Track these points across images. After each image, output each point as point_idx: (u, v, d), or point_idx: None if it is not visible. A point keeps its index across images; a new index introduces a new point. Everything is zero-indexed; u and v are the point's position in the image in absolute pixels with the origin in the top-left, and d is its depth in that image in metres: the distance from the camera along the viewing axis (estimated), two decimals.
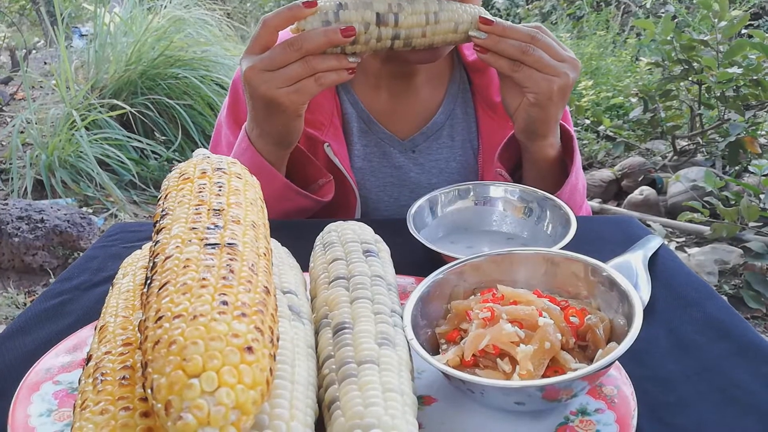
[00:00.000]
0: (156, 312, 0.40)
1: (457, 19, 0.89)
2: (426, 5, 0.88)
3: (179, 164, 0.59)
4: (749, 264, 2.50)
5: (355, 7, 0.86)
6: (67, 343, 0.64)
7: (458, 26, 0.89)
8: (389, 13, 0.86)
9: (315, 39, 0.84)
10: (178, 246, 0.45)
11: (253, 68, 0.86)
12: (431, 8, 0.89)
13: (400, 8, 0.87)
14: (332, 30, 0.84)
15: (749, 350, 0.63)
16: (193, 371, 0.36)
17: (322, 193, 1.02)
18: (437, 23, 0.88)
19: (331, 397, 0.48)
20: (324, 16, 0.85)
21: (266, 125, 0.91)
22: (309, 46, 0.84)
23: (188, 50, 4.24)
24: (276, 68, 0.85)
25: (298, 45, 0.84)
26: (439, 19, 0.88)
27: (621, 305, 0.57)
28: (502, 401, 0.52)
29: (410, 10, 0.87)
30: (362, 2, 0.86)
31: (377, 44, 0.87)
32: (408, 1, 0.88)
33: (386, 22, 0.86)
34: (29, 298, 2.65)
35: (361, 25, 0.85)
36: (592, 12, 5.98)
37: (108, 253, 0.90)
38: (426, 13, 0.88)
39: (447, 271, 0.64)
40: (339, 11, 0.85)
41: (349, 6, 0.86)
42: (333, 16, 0.85)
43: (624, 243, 0.82)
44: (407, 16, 0.87)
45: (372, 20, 0.86)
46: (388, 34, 0.87)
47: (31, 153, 3.66)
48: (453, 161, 1.13)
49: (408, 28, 0.87)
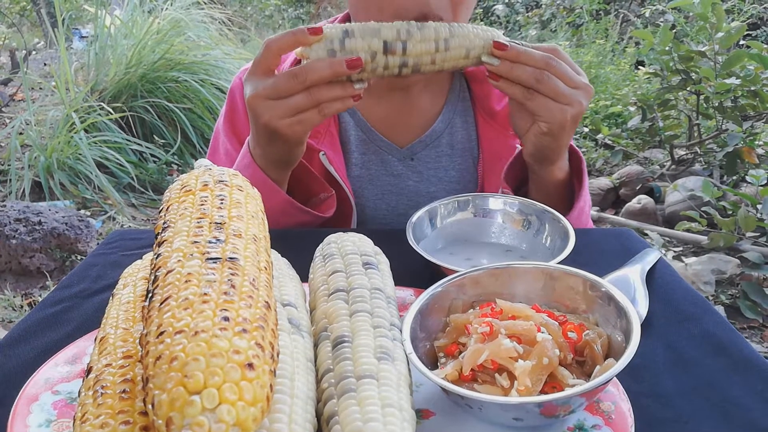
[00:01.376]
0: (157, 327, 0.41)
1: (468, 45, 0.86)
2: (436, 31, 0.85)
3: (181, 175, 0.59)
4: (746, 274, 2.50)
5: (362, 35, 0.83)
6: (67, 352, 0.64)
7: (470, 52, 0.86)
8: (397, 41, 0.83)
9: (319, 71, 0.82)
10: (179, 260, 0.46)
11: (256, 96, 0.85)
12: (441, 35, 0.85)
13: (408, 35, 0.83)
14: (338, 62, 0.81)
15: (746, 366, 0.63)
16: (194, 388, 0.36)
17: (324, 207, 1.02)
18: (447, 50, 0.85)
19: (330, 411, 0.48)
20: (329, 44, 0.82)
21: (268, 149, 0.91)
22: (313, 77, 0.82)
23: (188, 54, 4.25)
24: (279, 97, 0.84)
25: (303, 77, 0.82)
26: (449, 46, 0.85)
27: (619, 321, 0.57)
28: (500, 417, 0.52)
29: (419, 38, 0.84)
30: (369, 29, 0.83)
31: (384, 72, 0.85)
32: (418, 27, 0.84)
33: (394, 51, 0.83)
34: (26, 301, 2.65)
35: (368, 54, 0.82)
36: (592, 20, 6.01)
37: (107, 260, 0.90)
38: (436, 40, 0.85)
39: (446, 285, 0.64)
40: (345, 39, 0.82)
41: (355, 33, 0.83)
42: (338, 44, 0.82)
43: (622, 256, 0.82)
44: (416, 44, 0.84)
45: (379, 49, 0.83)
46: (396, 63, 0.84)
47: (29, 155, 3.66)
48: (452, 170, 1.13)
49: (416, 56, 0.84)
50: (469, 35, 0.86)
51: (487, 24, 6.83)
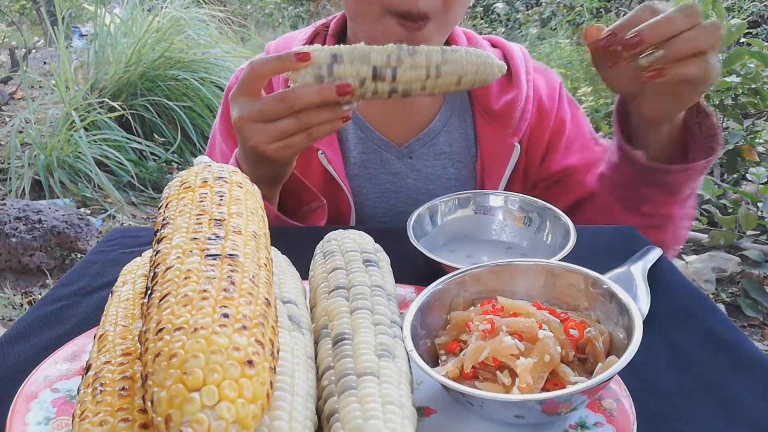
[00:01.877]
0: (157, 324, 0.40)
1: (461, 71, 0.83)
2: (428, 57, 0.82)
3: (180, 172, 0.59)
4: (747, 272, 2.50)
5: (351, 61, 0.81)
6: (66, 350, 0.64)
7: (461, 79, 0.84)
8: (387, 67, 0.81)
9: (307, 97, 0.80)
10: (178, 256, 0.45)
11: (242, 118, 0.84)
12: (433, 61, 0.82)
13: (399, 62, 0.81)
14: (326, 88, 0.80)
15: (748, 364, 0.63)
16: (193, 385, 0.36)
17: (315, 217, 1.02)
18: (438, 77, 0.83)
19: (331, 409, 0.48)
20: (317, 70, 0.80)
21: (255, 168, 0.90)
22: (301, 104, 0.80)
23: (188, 52, 4.25)
24: (266, 121, 0.82)
25: (290, 102, 0.80)
26: (440, 72, 0.83)
27: (621, 318, 0.57)
28: (501, 414, 0.52)
29: (410, 64, 0.82)
30: (359, 54, 0.81)
31: (373, 96, 0.83)
32: (409, 53, 0.82)
33: (383, 77, 0.81)
34: (26, 299, 2.65)
35: (356, 80, 0.81)
36: (592, 18, 6.00)
37: (107, 258, 0.89)
38: (427, 66, 0.82)
39: (447, 282, 0.64)
40: (333, 65, 0.80)
41: (344, 59, 0.81)
42: (327, 69, 0.80)
43: (623, 253, 0.82)
44: (406, 71, 0.82)
45: (368, 75, 0.81)
46: (385, 89, 0.82)
47: (29, 153, 3.66)
48: (450, 167, 1.13)
49: (406, 83, 0.82)
50: (462, 61, 0.83)
51: (486, 22, 6.83)
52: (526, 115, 1.09)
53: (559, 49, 5.26)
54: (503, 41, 1.18)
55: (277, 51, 1.15)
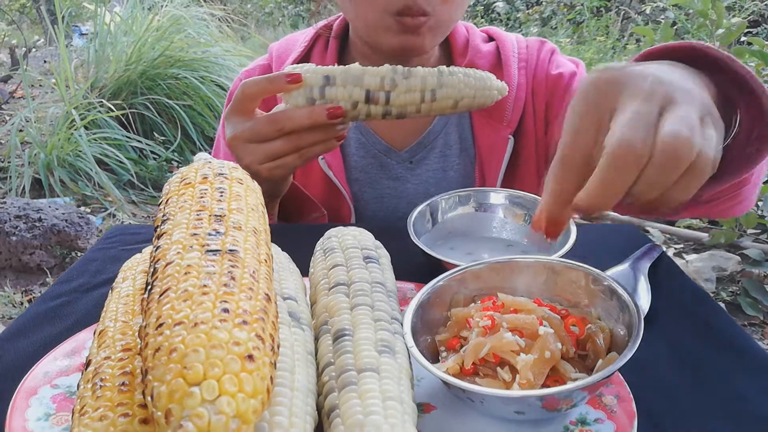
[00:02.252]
0: (157, 318, 0.40)
1: (457, 95, 0.81)
2: (424, 81, 0.80)
3: (180, 168, 0.59)
4: (747, 271, 2.50)
5: (344, 83, 0.79)
6: (66, 346, 0.63)
7: (458, 103, 0.82)
8: (380, 90, 0.79)
9: (298, 120, 0.80)
10: (179, 252, 0.45)
11: (236, 137, 0.83)
12: (429, 85, 0.80)
13: (393, 85, 0.79)
14: (318, 111, 0.79)
15: (749, 361, 0.63)
16: (193, 379, 0.36)
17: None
18: (434, 101, 0.81)
19: (331, 404, 0.48)
20: (309, 92, 0.80)
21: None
22: (291, 126, 0.80)
23: (188, 51, 4.24)
24: (259, 141, 0.82)
25: (281, 125, 0.80)
26: (436, 96, 0.81)
27: (621, 315, 0.57)
28: (502, 410, 0.52)
29: (404, 88, 0.80)
30: (352, 76, 0.80)
31: (366, 118, 0.82)
32: (404, 75, 0.80)
33: (376, 100, 0.80)
34: (26, 298, 2.65)
35: (349, 103, 0.80)
36: (592, 17, 6.00)
37: (107, 255, 0.89)
38: (422, 90, 0.80)
39: (447, 278, 0.64)
40: (325, 87, 0.79)
41: (336, 81, 0.79)
42: (318, 92, 0.80)
43: (624, 251, 0.82)
44: (400, 95, 0.80)
45: (361, 99, 0.79)
46: (379, 111, 0.81)
47: (29, 152, 3.66)
48: (451, 170, 1.12)
49: (400, 106, 0.81)
50: (459, 85, 0.81)
51: (487, 21, 6.82)
52: (519, 103, 1.08)
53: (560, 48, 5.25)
54: (499, 32, 1.17)
55: (279, 53, 1.15)
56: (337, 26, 1.15)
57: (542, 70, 1.11)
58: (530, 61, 1.12)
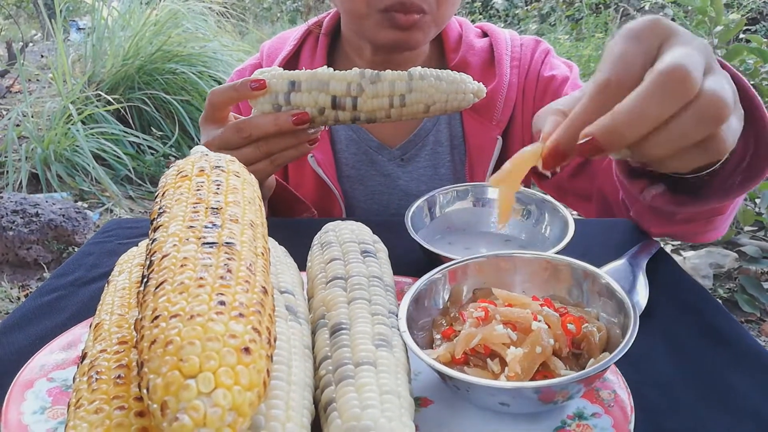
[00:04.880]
0: (152, 311, 0.40)
1: (428, 100, 0.79)
2: (392, 85, 0.79)
3: (177, 161, 0.58)
4: (744, 268, 2.50)
5: (309, 89, 0.78)
6: (62, 339, 0.63)
7: (429, 108, 0.80)
8: (347, 96, 0.78)
9: (263, 127, 0.80)
10: (175, 244, 0.45)
11: (208, 145, 0.83)
12: (397, 89, 0.78)
13: (360, 90, 0.78)
14: (283, 118, 0.79)
15: (746, 356, 0.63)
16: (189, 372, 0.36)
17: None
18: (403, 106, 0.79)
19: (328, 398, 0.48)
20: (274, 99, 0.79)
21: None
22: (258, 133, 0.80)
23: (186, 45, 4.23)
24: (229, 149, 0.81)
25: (247, 132, 0.80)
26: (405, 102, 0.79)
27: (618, 314, 0.57)
28: (487, 400, 0.52)
29: (372, 93, 0.78)
30: (317, 82, 0.78)
31: (335, 123, 0.81)
32: (371, 80, 0.79)
33: (343, 107, 0.79)
34: (23, 293, 2.64)
35: (315, 109, 0.79)
36: (591, 14, 5.99)
37: (104, 249, 0.89)
38: (390, 95, 0.78)
39: (445, 270, 0.64)
40: (291, 93, 0.79)
41: (302, 87, 0.79)
42: (284, 98, 0.79)
43: (622, 247, 0.81)
44: (367, 100, 0.78)
45: (327, 104, 0.79)
46: (347, 117, 0.80)
47: (26, 146, 3.65)
48: (442, 167, 1.12)
49: (368, 111, 0.79)
50: (430, 90, 0.79)
51: (485, 17, 6.81)
52: (510, 103, 1.08)
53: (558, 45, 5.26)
54: (493, 28, 1.16)
55: (270, 51, 1.15)
56: (328, 23, 1.15)
57: (535, 70, 1.10)
58: (523, 60, 1.11)
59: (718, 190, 0.65)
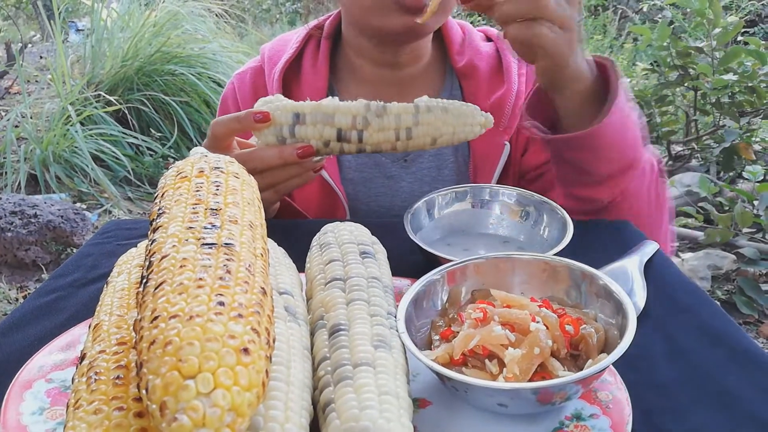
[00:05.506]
0: (152, 312, 0.40)
1: (435, 133, 0.79)
2: (398, 119, 0.78)
3: (176, 162, 0.58)
4: (742, 270, 2.51)
5: (314, 122, 0.78)
6: (61, 340, 0.63)
7: (436, 140, 0.80)
8: (352, 130, 0.77)
9: (268, 160, 0.79)
10: (174, 245, 0.45)
11: None
12: (404, 123, 0.78)
13: (365, 124, 0.77)
14: (288, 151, 0.78)
15: (744, 357, 0.63)
16: (188, 372, 0.36)
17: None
18: (409, 139, 0.79)
19: (327, 399, 0.48)
20: (278, 131, 0.79)
21: None
22: (262, 166, 0.80)
23: (185, 47, 4.23)
24: None
25: (251, 165, 0.79)
26: (411, 135, 0.78)
27: (616, 315, 0.57)
28: (485, 401, 0.52)
29: (377, 126, 0.77)
30: (322, 114, 0.78)
31: (340, 154, 0.81)
32: (377, 114, 0.78)
33: (348, 139, 0.78)
34: (21, 294, 2.64)
35: (320, 141, 0.78)
36: (589, 16, 6.00)
37: (102, 250, 0.89)
38: (396, 129, 0.78)
39: (444, 272, 0.64)
40: (295, 126, 0.78)
41: (306, 120, 0.78)
42: (288, 131, 0.78)
43: (620, 248, 0.82)
44: (373, 134, 0.78)
45: (332, 137, 0.78)
46: (352, 149, 0.79)
47: (25, 147, 3.64)
48: (445, 169, 1.12)
49: (374, 144, 0.79)
50: (437, 123, 0.78)
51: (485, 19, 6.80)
52: (518, 111, 1.08)
53: None
54: (498, 34, 1.17)
55: (271, 54, 1.15)
56: (329, 26, 1.15)
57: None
58: (530, 69, 1.11)
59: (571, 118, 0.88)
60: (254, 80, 1.15)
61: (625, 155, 0.90)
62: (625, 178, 0.91)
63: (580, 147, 0.88)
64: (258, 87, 1.13)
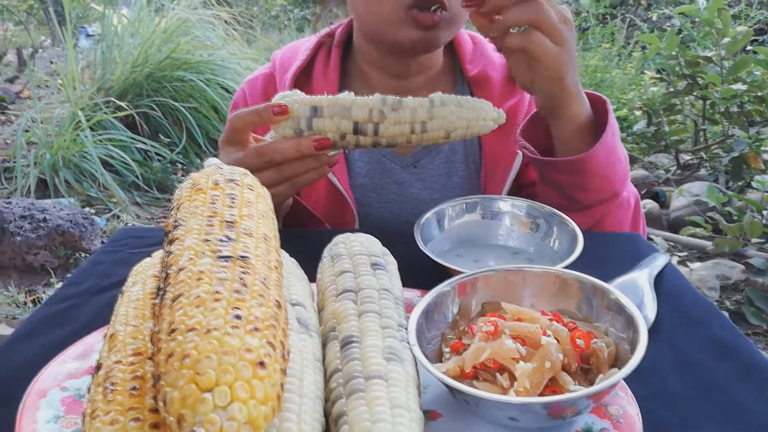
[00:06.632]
0: (169, 324, 0.41)
1: (449, 127, 0.80)
2: (413, 113, 0.79)
3: (192, 174, 0.59)
4: (751, 280, 2.50)
5: (331, 115, 0.79)
6: (75, 349, 0.64)
7: (450, 134, 0.81)
8: (369, 123, 0.79)
9: (285, 152, 0.80)
10: (191, 258, 0.46)
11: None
12: (419, 117, 0.79)
13: (382, 117, 0.78)
14: (305, 143, 0.79)
15: (754, 371, 0.63)
16: (206, 385, 0.36)
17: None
18: (424, 132, 0.80)
19: (339, 411, 0.48)
20: (296, 124, 0.80)
21: None
22: (279, 158, 0.81)
23: (195, 53, 4.27)
24: (250, 172, 0.83)
25: (268, 157, 0.81)
26: (426, 128, 0.80)
27: (627, 330, 0.57)
28: (496, 415, 0.52)
29: (393, 120, 0.79)
30: (339, 107, 0.79)
31: (356, 147, 0.82)
32: (393, 107, 0.79)
33: (365, 132, 0.79)
34: (30, 298, 2.65)
35: (337, 134, 0.79)
36: (598, 24, 6.00)
37: (114, 258, 0.90)
38: (412, 122, 0.79)
39: (454, 284, 0.64)
40: (312, 119, 0.79)
41: (324, 113, 0.79)
42: (305, 123, 0.79)
43: (630, 260, 0.82)
44: (389, 127, 0.79)
45: (349, 130, 0.79)
46: (368, 142, 0.80)
47: (35, 152, 3.67)
48: (455, 176, 1.13)
49: (390, 137, 0.80)
50: (451, 117, 0.80)
51: None
52: None
53: None
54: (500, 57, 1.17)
55: (282, 61, 1.16)
56: (340, 34, 1.15)
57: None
58: None
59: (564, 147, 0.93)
60: (265, 86, 1.16)
61: (608, 186, 0.94)
62: (604, 208, 0.96)
63: (568, 171, 0.92)
64: (269, 93, 1.14)
